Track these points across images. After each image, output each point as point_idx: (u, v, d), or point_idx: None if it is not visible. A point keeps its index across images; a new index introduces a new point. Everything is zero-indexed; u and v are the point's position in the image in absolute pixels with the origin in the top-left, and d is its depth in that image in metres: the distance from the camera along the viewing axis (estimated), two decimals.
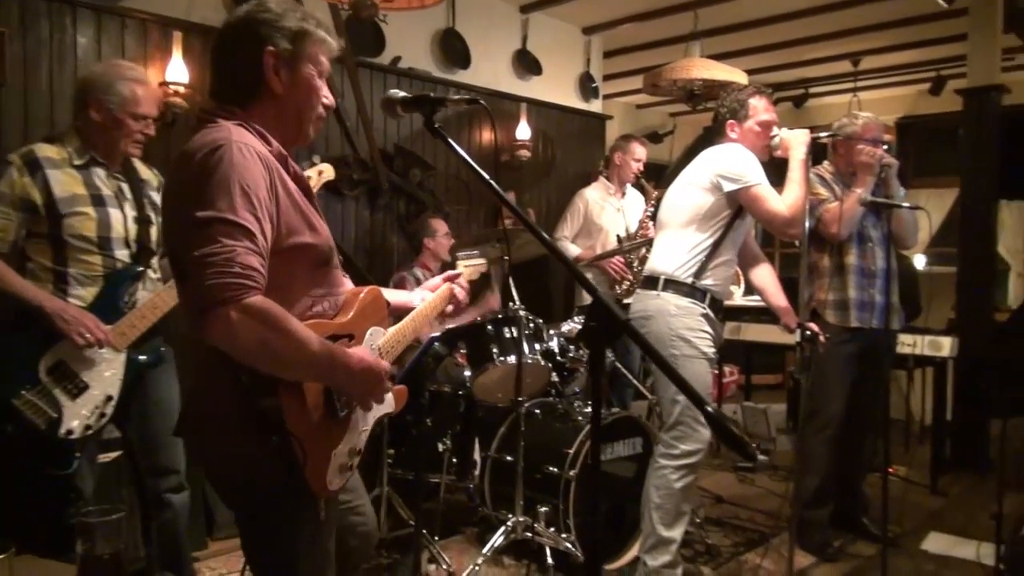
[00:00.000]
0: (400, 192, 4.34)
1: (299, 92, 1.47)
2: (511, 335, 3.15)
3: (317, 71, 1.49)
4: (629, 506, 3.09)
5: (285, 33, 1.44)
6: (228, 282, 1.23)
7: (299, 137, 1.52)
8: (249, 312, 1.25)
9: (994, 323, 4.60)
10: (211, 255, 1.24)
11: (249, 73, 1.43)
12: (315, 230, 1.45)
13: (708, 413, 1.05)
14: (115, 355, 2.33)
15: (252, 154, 1.34)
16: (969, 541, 3.33)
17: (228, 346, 1.27)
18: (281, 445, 1.34)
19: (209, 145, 1.33)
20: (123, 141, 2.36)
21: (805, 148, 2.74)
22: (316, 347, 1.34)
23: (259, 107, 1.45)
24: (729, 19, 5.27)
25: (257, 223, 1.29)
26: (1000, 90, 4.59)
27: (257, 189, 1.31)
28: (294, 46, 1.45)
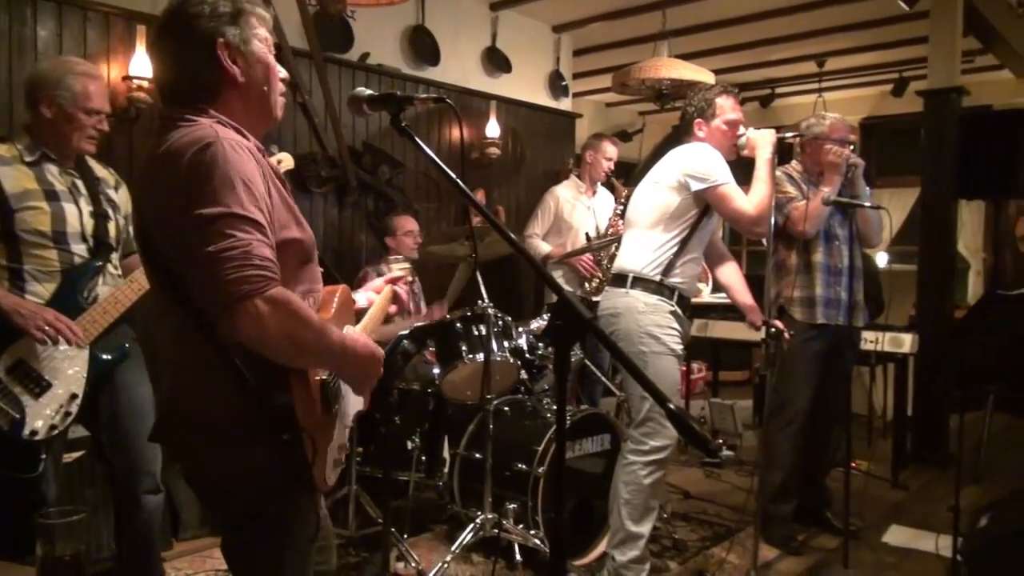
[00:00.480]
0: (369, 189, 4.32)
1: (257, 73, 1.45)
2: (480, 333, 3.15)
3: (266, 46, 1.47)
4: (597, 502, 3.12)
5: (226, 19, 1.40)
6: (250, 275, 1.23)
7: (268, 119, 1.50)
8: (274, 303, 1.25)
9: (953, 320, 4.70)
10: (228, 249, 1.23)
11: (208, 71, 1.40)
12: (301, 225, 1.44)
13: (670, 410, 1.07)
14: (78, 352, 2.28)
15: (243, 149, 1.34)
16: (928, 533, 3.41)
17: (257, 339, 1.25)
18: (292, 441, 1.33)
19: (197, 143, 1.30)
20: (75, 136, 2.31)
21: (771, 148, 2.78)
22: (332, 334, 1.37)
23: (225, 100, 1.42)
24: (697, 19, 5.32)
25: (263, 215, 1.30)
26: (960, 92, 4.69)
27: (256, 184, 1.31)
28: (240, 29, 1.42)
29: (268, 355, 1.29)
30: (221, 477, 1.41)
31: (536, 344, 3.43)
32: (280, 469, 1.35)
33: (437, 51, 4.71)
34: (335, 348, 1.37)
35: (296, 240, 1.41)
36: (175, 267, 1.33)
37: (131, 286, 2.36)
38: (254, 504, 1.39)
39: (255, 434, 1.33)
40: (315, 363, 1.38)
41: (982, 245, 6.80)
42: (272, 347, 1.28)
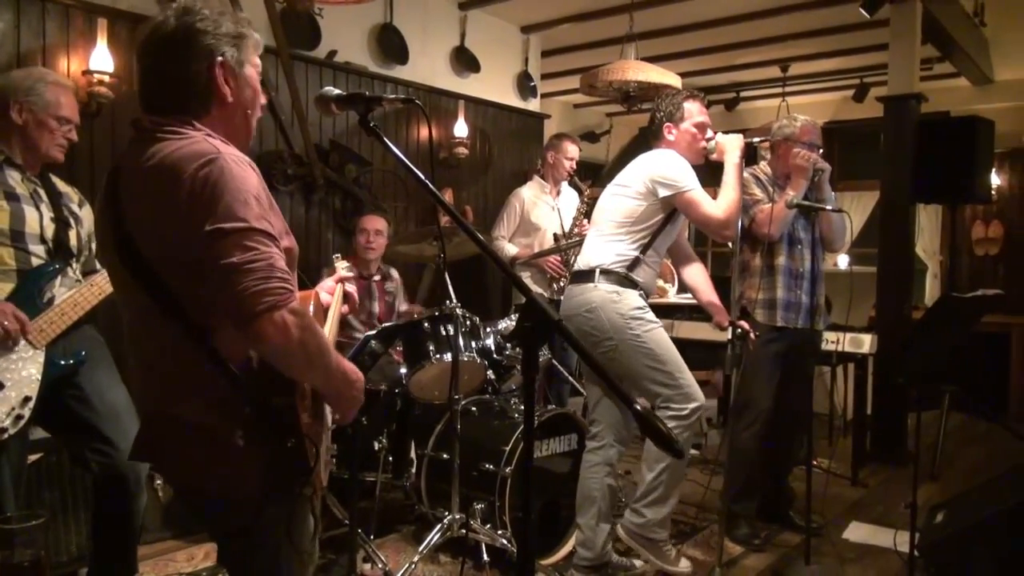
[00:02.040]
0: (335, 188, 4.29)
1: (245, 96, 1.48)
2: (447, 333, 3.15)
3: (256, 72, 1.51)
4: (564, 502, 3.13)
5: (227, 40, 1.44)
6: (275, 286, 1.27)
7: (246, 140, 1.52)
8: (296, 315, 1.29)
9: (911, 321, 4.81)
10: (252, 261, 1.26)
11: (202, 85, 1.42)
12: (290, 235, 1.47)
13: (636, 411, 1.08)
14: (33, 354, 2.23)
15: (245, 164, 1.36)
16: (887, 530, 3.48)
17: (281, 349, 1.29)
18: (297, 446, 1.36)
19: (200, 157, 1.31)
20: (44, 142, 2.30)
21: (740, 152, 2.82)
22: (332, 352, 1.42)
23: (211, 116, 1.44)
24: (663, 23, 5.38)
25: (274, 229, 1.34)
26: (918, 98, 4.80)
27: (262, 198, 1.35)
28: (238, 52, 1.46)
29: (281, 366, 1.33)
30: (222, 487, 1.39)
31: (504, 344, 3.44)
32: (281, 476, 1.37)
33: (405, 50, 4.69)
34: (332, 365, 1.41)
35: (288, 249, 1.43)
36: (169, 279, 1.33)
37: (91, 289, 2.32)
38: (256, 511, 1.39)
39: (256, 441, 1.34)
40: (316, 376, 1.41)
41: (939, 248, 6.98)
42: (291, 358, 1.32)
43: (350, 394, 1.48)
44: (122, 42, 3.42)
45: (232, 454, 1.35)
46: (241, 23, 1.48)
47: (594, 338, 2.78)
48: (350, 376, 1.47)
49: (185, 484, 1.47)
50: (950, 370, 4.97)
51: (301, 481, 1.40)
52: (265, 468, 1.35)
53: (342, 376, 1.44)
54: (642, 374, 2.79)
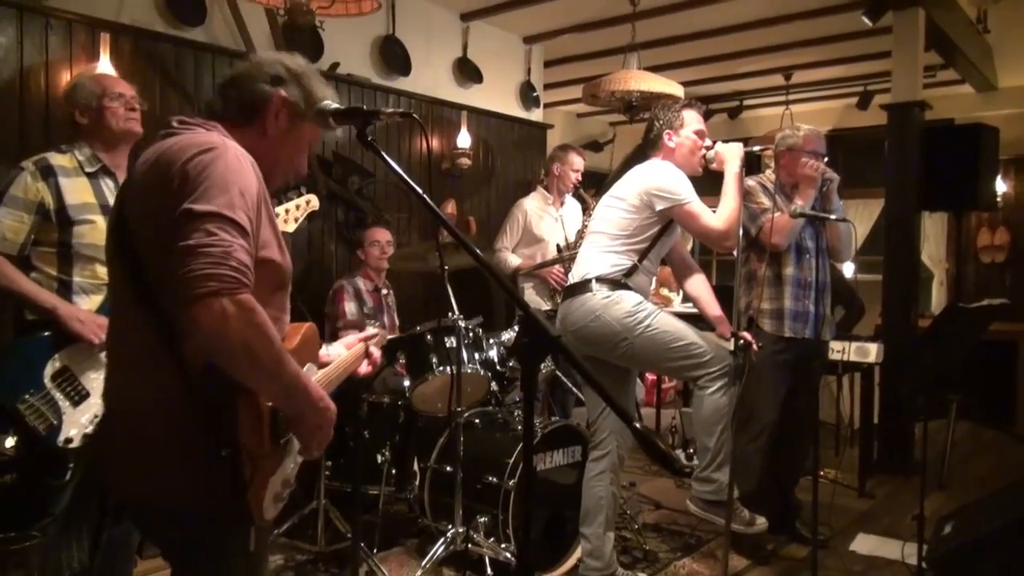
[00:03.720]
0: (338, 200, 4.29)
1: (287, 143, 1.53)
2: (450, 345, 3.13)
3: (307, 138, 1.56)
4: (568, 514, 3.11)
5: (304, 94, 1.51)
6: (224, 273, 1.22)
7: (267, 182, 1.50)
8: (241, 307, 1.23)
9: (918, 330, 4.78)
10: (208, 246, 1.23)
11: (255, 102, 1.48)
12: (282, 249, 1.46)
13: (635, 430, 1.06)
14: None
15: (245, 159, 1.37)
16: (895, 541, 3.45)
17: (215, 337, 1.22)
18: (231, 458, 1.30)
19: (202, 145, 1.34)
20: (113, 123, 2.40)
21: (739, 161, 2.81)
22: (290, 362, 1.34)
23: (243, 134, 1.47)
24: (666, 32, 5.38)
25: (251, 224, 1.31)
26: (922, 106, 4.78)
27: (250, 194, 1.33)
28: (306, 106, 1.51)
29: (221, 360, 1.26)
30: (157, 497, 1.37)
31: (506, 356, 3.42)
32: (213, 491, 1.31)
33: (408, 61, 4.70)
34: (289, 377, 1.34)
35: (275, 262, 1.42)
36: (150, 265, 1.33)
37: None
38: (189, 525, 1.37)
39: (193, 451, 1.31)
40: (266, 384, 1.33)
41: (945, 256, 6.94)
42: (228, 351, 1.25)
43: (315, 420, 1.41)
44: (125, 56, 3.43)
45: (169, 461, 1.34)
46: (328, 97, 1.53)
47: (609, 343, 2.79)
48: (316, 402, 1.39)
49: (123, 491, 1.42)
50: (957, 379, 4.94)
51: (233, 501, 1.32)
52: (199, 481, 1.31)
53: (305, 396, 1.37)
54: (664, 358, 2.81)
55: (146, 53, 3.54)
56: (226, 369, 1.27)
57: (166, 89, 3.61)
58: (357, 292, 3.87)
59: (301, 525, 3.25)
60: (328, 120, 1.53)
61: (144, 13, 3.55)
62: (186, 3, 3.66)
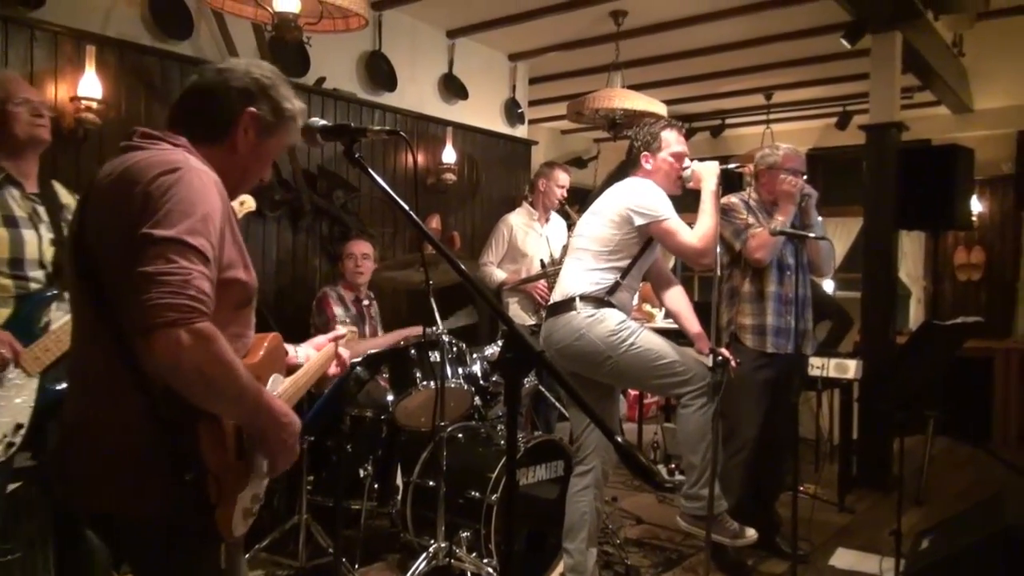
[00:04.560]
0: (323, 214, 4.30)
1: (255, 159, 1.51)
2: (434, 359, 3.14)
3: (277, 151, 1.55)
4: (551, 529, 3.11)
5: (272, 106, 1.49)
6: (182, 303, 1.22)
7: (233, 194, 1.51)
8: (198, 337, 1.23)
9: (896, 346, 4.84)
10: (167, 274, 1.22)
11: (223, 119, 1.45)
12: (248, 268, 1.44)
13: (618, 444, 1.08)
14: (27, 380, 2.21)
15: (210, 181, 1.36)
16: (873, 556, 3.48)
17: (170, 367, 1.23)
18: (195, 481, 1.30)
19: (165, 165, 1.32)
20: (18, 130, 2.28)
21: (716, 179, 2.85)
22: (249, 385, 1.34)
23: (213, 150, 1.45)
24: (649, 51, 5.46)
25: (212, 250, 1.30)
26: (899, 127, 4.87)
27: (213, 217, 1.32)
28: (275, 119, 1.49)
29: (178, 388, 1.26)
30: (126, 510, 1.35)
31: (490, 371, 3.43)
32: (178, 510, 1.31)
33: (394, 77, 4.73)
34: (249, 400, 1.34)
35: (240, 281, 1.41)
36: (109, 286, 1.32)
37: None
38: (156, 542, 1.35)
39: (157, 469, 1.30)
40: (224, 408, 1.34)
41: (922, 274, 7.04)
42: (183, 380, 1.25)
43: (279, 437, 1.40)
44: (110, 68, 3.43)
45: (133, 474, 1.33)
46: (296, 106, 1.52)
47: (594, 361, 2.80)
48: (278, 417, 1.39)
49: (88, 502, 1.40)
50: (935, 395, 5.00)
51: (200, 521, 1.32)
52: (164, 498, 1.31)
53: (267, 416, 1.37)
54: (649, 376, 2.83)
55: (132, 66, 3.55)
56: (183, 394, 1.27)
57: (152, 103, 3.61)
58: (341, 299, 3.86)
59: (282, 540, 3.23)
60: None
61: (131, 26, 3.56)
62: (173, 17, 3.67)
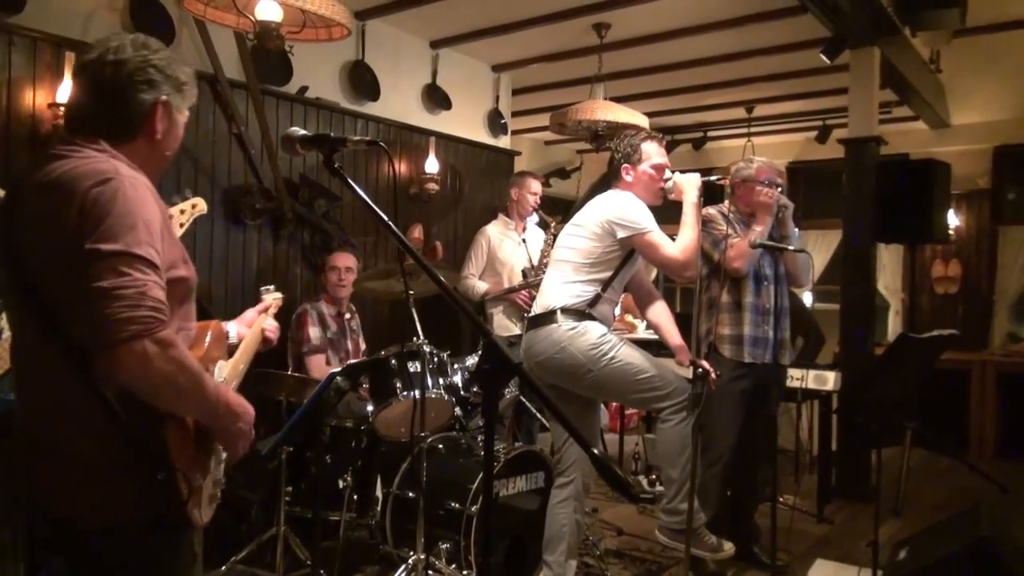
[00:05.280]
0: (305, 223, 4.28)
1: (171, 138, 1.52)
2: (414, 370, 3.13)
3: (184, 120, 1.56)
4: (531, 540, 3.11)
5: (173, 83, 1.49)
6: (142, 315, 1.25)
7: (156, 177, 1.53)
8: (162, 345, 1.27)
9: (874, 358, 4.88)
10: (121, 287, 1.24)
11: (137, 116, 1.45)
12: (188, 264, 1.47)
13: (594, 456, 1.09)
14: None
15: (143, 186, 1.37)
16: (851, 567, 3.49)
17: (140, 379, 1.27)
18: (167, 479, 1.33)
19: (97, 176, 1.31)
20: None
21: (697, 191, 2.87)
22: (209, 384, 1.39)
23: (133, 146, 1.45)
24: (632, 64, 5.50)
25: (158, 256, 1.32)
26: (878, 141, 4.93)
27: (153, 223, 1.33)
28: (178, 97, 1.51)
29: (146, 396, 1.29)
30: (94, 514, 1.36)
31: (471, 381, 3.42)
32: (153, 508, 1.34)
33: (377, 86, 4.73)
34: (210, 398, 1.39)
35: (183, 278, 1.44)
36: (53, 301, 1.31)
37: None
38: (125, 546, 1.37)
39: (127, 473, 1.32)
40: (189, 409, 1.38)
41: (901, 286, 7.12)
42: (153, 389, 1.29)
43: (235, 427, 1.46)
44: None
45: (103, 481, 1.34)
46: (187, 74, 1.53)
47: (575, 374, 2.80)
48: (234, 409, 1.45)
49: (57, 511, 1.40)
50: (912, 407, 5.05)
51: (172, 516, 1.36)
52: (135, 501, 1.33)
53: (225, 409, 1.42)
54: (629, 390, 2.84)
55: None
56: (149, 400, 1.30)
57: None
58: (321, 316, 3.86)
59: (260, 552, 3.19)
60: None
61: (111, 32, 3.53)
62: (154, 24, 3.65)
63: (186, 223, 2.58)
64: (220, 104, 3.93)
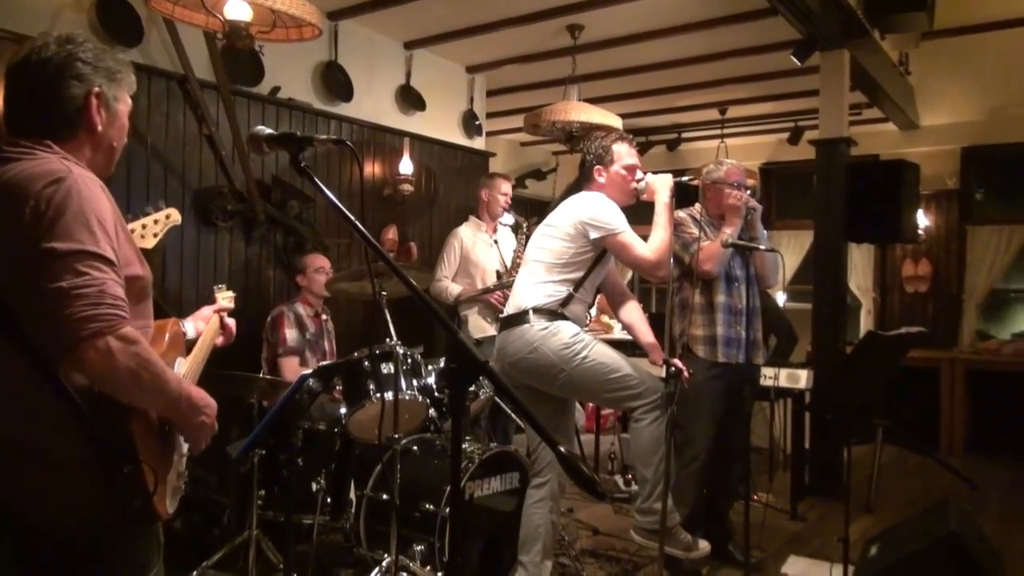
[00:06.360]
0: (277, 224, 4.25)
1: (114, 129, 1.51)
2: (388, 371, 3.12)
3: (127, 110, 1.55)
4: (506, 541, 3.10)
5: (104, 73, 1.48)
6: (103, 313, 1.26)
7: (108, 170, 1.54)
8: (125, 341, 1.29)
9: (846, 356, 4.94)
10: (81, 286, 1.25)
11: (72, 111, 1.44)
12: (143, 263, 1.47)
13: (560, 453, 1.08)
14: None
15: (95, 184, 1.37)
16: (824, 563, 3.53)
17: (105, 376, 1.28)
18: (133, 473, 1.33)
19: (48, 176, 1.32)
20: None
21: (669, 192, 2.88)
22: (172, 378, 1.41)
23: (76, 143, 1.45)
24: (606, 65, 5.52)
25: (114, 254, 1.33)
26: (848, 142, 4.99)
27: (108, 221, 1.34)
28: (113, 87, 1.50)
29: (111, 392, 1.31)
30: (56, 515, 1.35)
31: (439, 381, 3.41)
32: (119, 503, 1.34)
33: (350, 87, 4.71)
34: (173, 391, 1.40)
35: (139, 277, 1.44)
36: (12, 302, 1.30)
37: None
38: (91, 543, 1.36)
39: (92, 469, 1.32)
40: (152, 403, 1.40)
41: (872, 285, 7.22)
42: (118, 384, 1.30)
43: (197, 420, 1.47)
44: None
45: (68, 477, 1.33)
46: (120, 63, 1.53)
47: (547, 374, 2.80)
48: (196, 402, 1.46)
49: (22, 509, 1.37)
50: (883, 405, 5.11)
51: (138, 509, 1.36)
52: (104, 493, 1.33)
53: (187, 403, 1.44)
54: (601, 389, 2.83)
55: None
56: (114, 396, 1.32)
57: None
58: (298, 318, 3.82)
59: (232, 556, 3.16)
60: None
61: (79, 30, 3.48)
62: (122, 23, 3.60)
63: (160, 233, 2.56)
64: (190, 105, 3.89)
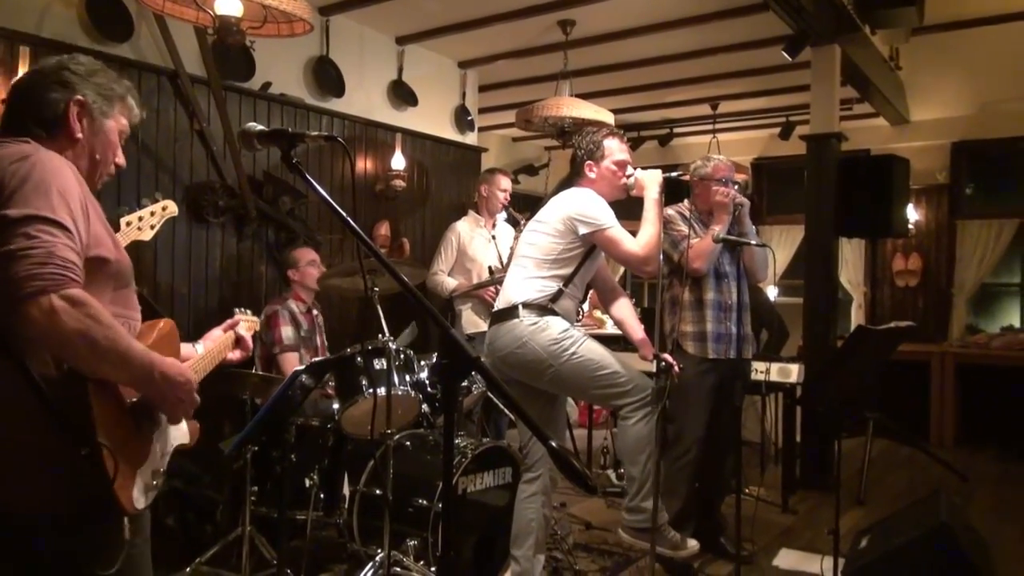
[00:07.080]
0: (269, 220, 4.24)
1: (97, 142, 1.52)
2: (381, 366, 3.12)
3: (118, 129, 1.55)
4: (499, 536, 3.11)
5: (94, 87, 1.51)
6: (49, 272, 1.24)
7: (92, 182, 1.53)
8: (72, 301, 1.25)
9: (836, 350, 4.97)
10: (28, 248, 1.24)
11: (52, 114, 1.47)
12: (118, 248, 1.47)
13: (550, 448, 1.09)
14: None
15: (63, 163, 1.38)
16: (815, 556, 3.55)
17: (49, 334, 1.24)
18: (91, 456, 1.29)
19: (16, 155, 1.34)
20: None
21: (659, 187, 2.88)
22: (136, 347, 1.36)
23: (56, 146, 1.46)
24: (597, 61, 5.52)
25: (73, 223, 1.31)
26: (839, 137, 5.01)
27: (71, 194, 1.34)
28: (104, 104, 1.52)
29: (61, 355, 1.29)
30: (13, 504, 1.33)
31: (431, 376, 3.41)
32: (79, 491, 1.31)
33: (342, 83, 4.70)
34: (137, 357, 1.35)
35: (111, 260, 1.42)
36: None
37: None
38: (51, 535, 1.33)
39: (51, 455, 1.30)
40: (113, 370, 1.34)
41: (863, 280, 7.25)
42: (65, 344, 1.26)
43: (174, 396, 1.43)
44: None
45: (28, 465, 1.31)
46: (119, 84, 1.55)
47: (535, 369, 2.80)
48: (175, 378, 1.42)
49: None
50: (874, 398, 5.15)
51: (98, 500, 1.32)
52: (61, 484, 1.31)
53: (161, 375, 1.39)
54: (589, 385, 2.83)
55: None
56: (70, 364, 1.29)
57: None
58: (292, 316, 3.80)
59: (225, 553, 3.16)
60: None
61: (67, 27, 3.47)
62: (112, 18, 3.59)
63: (156, 225, 2.57)
64: (181, 100, 3.87)
